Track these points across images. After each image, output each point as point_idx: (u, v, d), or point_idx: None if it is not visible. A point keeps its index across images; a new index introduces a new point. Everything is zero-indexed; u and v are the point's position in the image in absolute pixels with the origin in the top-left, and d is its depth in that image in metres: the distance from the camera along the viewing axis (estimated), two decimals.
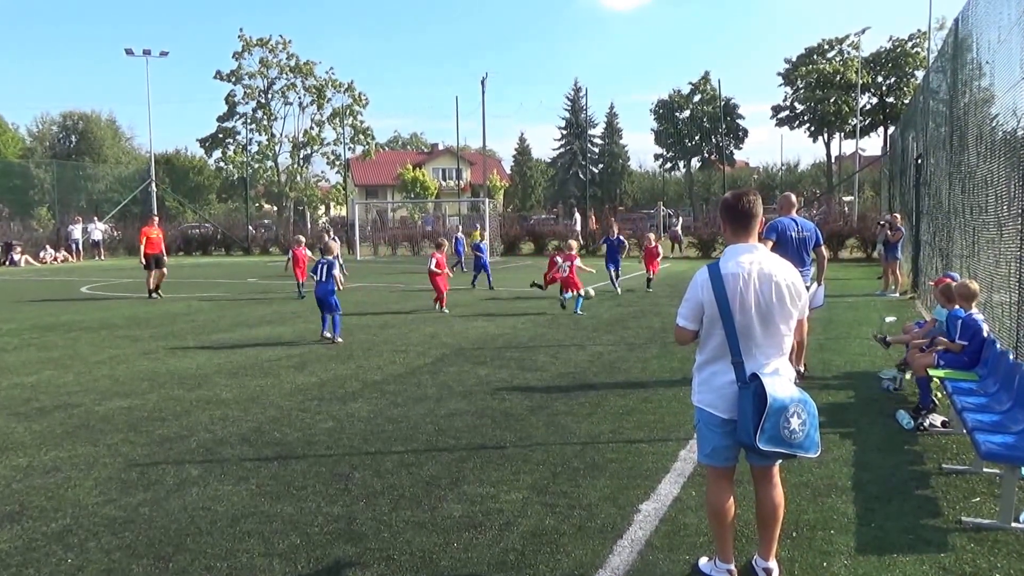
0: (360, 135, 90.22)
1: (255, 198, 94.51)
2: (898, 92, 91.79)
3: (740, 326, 5.75)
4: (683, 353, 14.73)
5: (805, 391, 5.78)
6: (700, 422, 6.08)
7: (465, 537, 7.04)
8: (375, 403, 12.05)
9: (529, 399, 12.21)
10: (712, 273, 5.83)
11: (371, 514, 7.60)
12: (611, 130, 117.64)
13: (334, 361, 15.44)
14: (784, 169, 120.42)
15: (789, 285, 5.84)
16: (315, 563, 6.58)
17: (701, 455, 6.17)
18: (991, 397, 9.12)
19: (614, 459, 9.20)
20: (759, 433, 5.55)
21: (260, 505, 7.88)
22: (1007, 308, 11.29)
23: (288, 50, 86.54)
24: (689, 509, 7.62)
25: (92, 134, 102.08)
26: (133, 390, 13.14)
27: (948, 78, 18.70)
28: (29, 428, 10.83)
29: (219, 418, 11.27)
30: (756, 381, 5.65)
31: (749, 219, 5.95)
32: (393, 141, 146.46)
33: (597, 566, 6.46)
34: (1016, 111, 10.90)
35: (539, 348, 16.79)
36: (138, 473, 8.92)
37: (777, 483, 6.14)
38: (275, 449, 9.77)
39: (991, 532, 7.05)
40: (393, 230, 67.64)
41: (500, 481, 8.49)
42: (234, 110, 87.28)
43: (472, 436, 10.22)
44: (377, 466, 9.04)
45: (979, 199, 14.03)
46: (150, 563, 6.59)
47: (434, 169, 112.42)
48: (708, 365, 5.98)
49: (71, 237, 57.51)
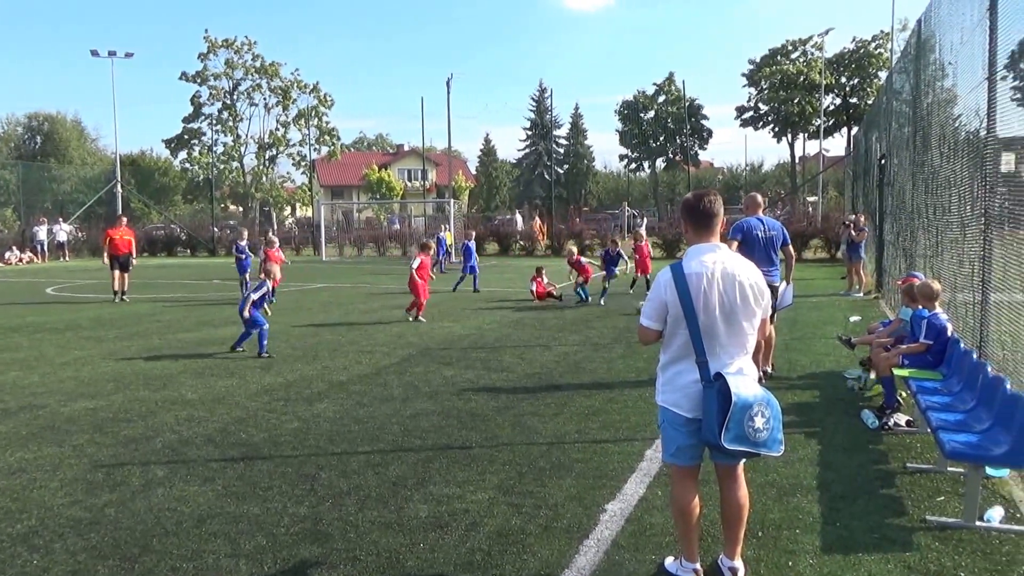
0: (326, 136, 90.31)
1: (220, 199, 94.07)
2: (861, 93, 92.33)
3: (704, 325, 5.76)
4: (648, 353, 14.75)
5: (770, 391, 5.81)
6: (665, 421, 6.07)
7: (431, 537, 7.03)
8: (341, 403, 12.03)
9: (495, 399, 12.21)
10: (675, 273, 5.85)
11: (337, 514, 7.58)
12: (576, 131, 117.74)
13: (300, 362, 15.40)
14: (748, 169, 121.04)
15: (752, 284, 5.87)
16: (281, 563, 6.55)
17: (666, 454, 6.17)
18: (955, 396, 9.19)
19: (580, 459, 9.21)
20: (724, 432, 5.55)
21: (226, 506, 7.85)
22: (970, 308, 11.38)
23: (253, 51, 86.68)
24: (655, 509, 7.63)
25: (57, 135, 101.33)
26: (99, 391, 13.06)
27: (911, 79, 18.80)
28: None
29: (185, 419, 11.22)
30: (720, 380, 5.65)
31: (710, 219, 5.98)
32: (359, 142, 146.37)
33: (563, 566, 6.46)
34: (978, 111, 10.96)
35: (505, 348, 16.82)
36: (104, 474, 8.87)
37: (742, 483, 6.16)
38: (241, 450, 9.73)
39: (955, 531, 7.09)
40: (359, 231, 67.54)
41: (466, 481, 8.48)
42: (200, 111, 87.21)
43: (438, 436, 10.22)
44: (343, 466, 9.02)
45: (942, 199, 14.12)
46: (116, 564, 6.56)
47: (400, 170, 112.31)
48: (672, 364, 5.99)
49: (36, 238, 57.03)
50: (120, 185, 66.27)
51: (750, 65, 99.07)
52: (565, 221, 58.72)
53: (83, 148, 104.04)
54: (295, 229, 79.43)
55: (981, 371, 8.82)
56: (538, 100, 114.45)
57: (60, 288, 33.47)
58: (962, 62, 12.53)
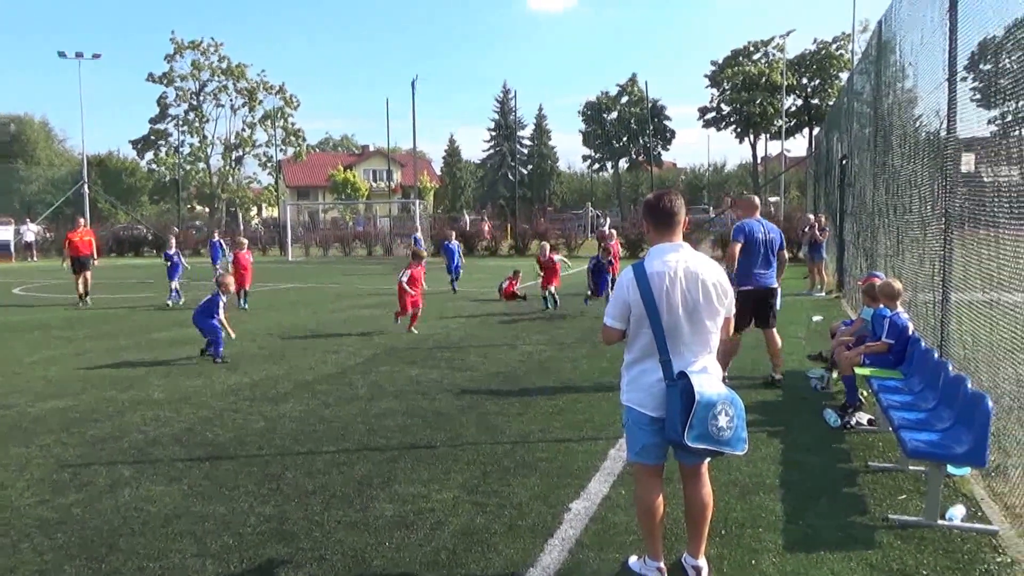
0: (291, 137, 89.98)
1: (187, 199, 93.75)
2: (823, 94, 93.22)
3: (667, 324, 5.79)
4: (613, 353, 14.80)
5: (734, 389, 5.86)
6: (629, 421, 6.08)
7: (397, 536, 7.05)
8: (307, 403, 12.05)
9: (460, 399, 12.24)
10: (637, 272, 5.88)
11: (303, 514, 7.60)
12: (540, 131, 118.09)
13: (267, 362, 15.39)
14: (711, 170, 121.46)
15: (716, 283, 5.90)
16: (247, 563, 6.57)
17: (631, 453, 6.21)
18: (916, 395, 9.26)
19: (544, 458, 9.25)
20: (687, 430, 5.55)
21: (192, 505, 7.86)
22: (931, 307, 11.46)
23: (220, 52, 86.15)
24: (619, 507, 7.68)
25: (25, 136, 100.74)
26: (66, 391, 13.04)
27: (872, 80, 18.88)
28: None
29: (152, 418, 11.21)
30: (684, 379, 5.66)
31: (671, 217, 6.00)
32: (324, 143, 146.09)
33: (528, 564, 6.50)
34: (939, 112, 11.05)
35: (470, 348, 16.86)
36: (71, 474, 8.86)
37: (706, 481, 6.19)
38: (207, 449, 9.73)
39: (917, 529, 7.17)
40: (324, 231, 67.46)
41: (431, 480, 8.51)
42: (166, 112, 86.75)
43: (403, 436, 10.24)
44: (309, 466, 9.03)
45: (903, 199, 14.21)
46: (83, 563, 6.56)
47: (365, 170, 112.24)
48: (636, 364, 6.02)
49: (1, 239, 56.65)
50: (87, 186, 66.00)
51: (712, 66, 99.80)
52: (530, 221, 58.72)
53: (50, 149, 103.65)
54: (261, 229, 79.24)
55: (942, 370, 8.88)
56: (502, 101, 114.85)
57: (27, 288, 33.36)
58: (922, 63, 12.60)
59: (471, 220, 66.84)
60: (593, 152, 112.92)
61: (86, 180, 66.20)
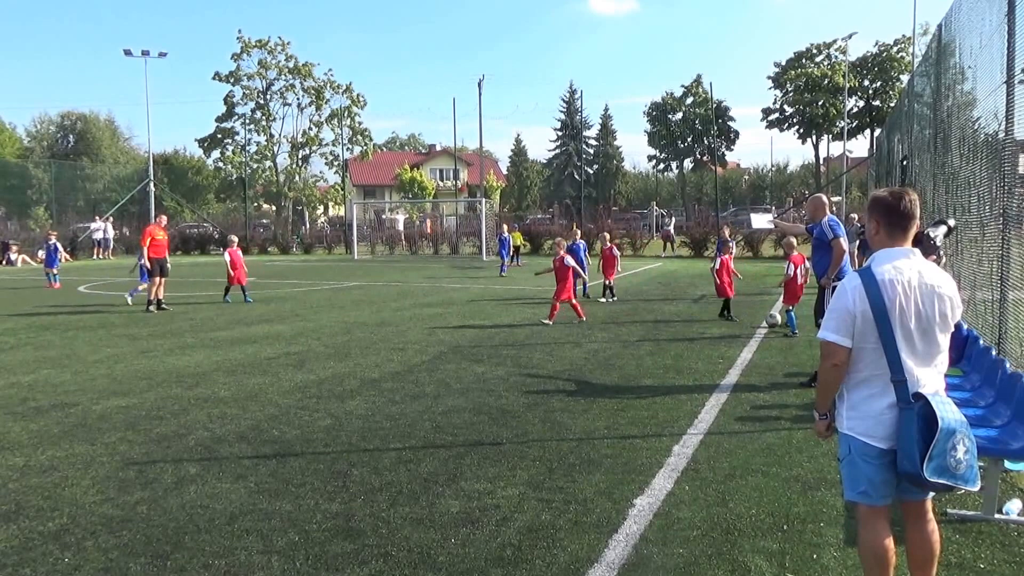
0: (358, 136, 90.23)
1: (253, 198, 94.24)
2: (884, 95, 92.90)
3: (901, 340, 5.09)
4: (676, 350, 14.83)
5: (793, 385, 5.76)
6: (852, 453, 5.28)
7: (462, 533, 7.07)
8: (373, 401, 12.08)
9: (525, 396, 12.25)
10: (866, 280, 5.15)
11: (369, 511, 7.62)
12: (605, 131, 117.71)
13: (332, 359, 15.47)
14: (774, 170, 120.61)
15: (951, 297, 5.21)
16: (313, 560, 6.58)
17: (852, 491, 5.35)
18: (975, 392, 9.21)
19: (609, 454, 9.25)
20: (926, 462, 4.88)
21: (258, 503, 7.90)
22: (989, 305, 11.39)
23: (287, 51, 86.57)
24: (682, 503, 7.67)
25: (90, 134, 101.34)
26: (131, 389, 13.14)
27: (932, 82, 18.88)
28: (26, 428, 10.81)
29: (217, 416, 11.28)
30: (922, 401, 4.99)
31: (909, 221, 5.26)
32: (391, 142, 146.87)
33: (592, 560, 6.49)
34: (997, 114, 11.03)
35: (535, 346, 16.86)
36: (136, 472, 8.91)
37: (932, 519, 5.43)
38: (273, 447, 9.78)
39: (975, 523, 7.17)
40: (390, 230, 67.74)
41: (497, 477, 8.53)
42: (233, 111, 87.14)
43: (469, 433, 10.27)
44: (375, 463, 9.07)
45: (962, 199, 14.20)
46: (148, 561, 6.57)
47: (431, 169, 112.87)
48: (861, 386, 5.24)
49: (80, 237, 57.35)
50: (153, 183, 66.63)
51: (775, 68, 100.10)
52: (595, 220, 58.65)
53: (116, 147, 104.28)
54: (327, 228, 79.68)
55: (1000, 367, 8.90)
56: (568, 101, 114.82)
57: (93, 286, 33.77)
58: (981, 66, 12.61)
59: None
60: (658, 152, 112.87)
61: (151, 178, 66.81)
